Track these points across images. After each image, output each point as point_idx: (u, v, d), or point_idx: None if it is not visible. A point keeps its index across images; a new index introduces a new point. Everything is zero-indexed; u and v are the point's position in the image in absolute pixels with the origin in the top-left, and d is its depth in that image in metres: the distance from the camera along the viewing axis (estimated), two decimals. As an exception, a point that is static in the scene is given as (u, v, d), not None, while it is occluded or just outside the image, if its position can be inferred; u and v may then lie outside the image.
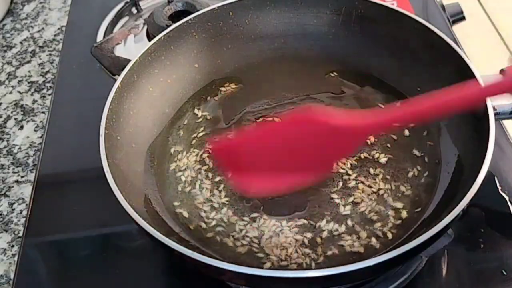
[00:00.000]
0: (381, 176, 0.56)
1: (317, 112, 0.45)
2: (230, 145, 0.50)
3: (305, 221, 0.53)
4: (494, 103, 0.51)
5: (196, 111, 0.64)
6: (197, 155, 0.60)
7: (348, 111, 0.47)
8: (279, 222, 0.53)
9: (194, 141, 0.61)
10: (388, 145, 0.58)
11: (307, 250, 0.51)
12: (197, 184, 0.57)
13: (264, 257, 0.51)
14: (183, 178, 0.57)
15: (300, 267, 0.50)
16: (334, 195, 0.55)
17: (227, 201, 0.55)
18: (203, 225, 0.53)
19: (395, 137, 0.59)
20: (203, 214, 0.54)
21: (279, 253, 0.51)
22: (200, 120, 0.63)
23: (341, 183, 0.55)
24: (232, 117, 0.63)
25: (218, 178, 0.57)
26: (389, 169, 0.57)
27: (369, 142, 0.59)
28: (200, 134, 0.62)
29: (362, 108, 0.62)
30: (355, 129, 0.44)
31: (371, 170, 0.56)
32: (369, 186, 0.55)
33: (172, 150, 0.60)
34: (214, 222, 0.54)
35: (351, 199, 0.54)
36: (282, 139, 0.46)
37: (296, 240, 0.51)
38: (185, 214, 0.54)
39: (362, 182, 0.55)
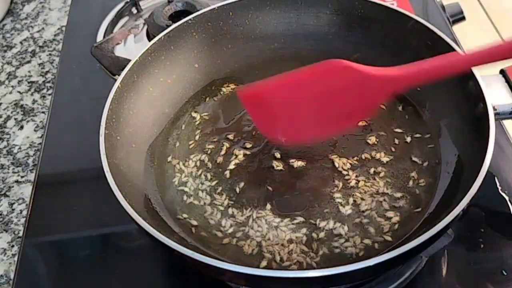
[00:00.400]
0: (382, 175, 0.56)
1: (346, 62, 0.46)
2: (258, 93, 0.51)
3: (304, 220, 0.53)
4: (494, 103, 0.51)
5: (194, 114, 0.64)
6: (196, 160, 0.59)
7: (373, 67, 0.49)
8: (280, 220, 0.53)
9: (192, 146, 0.61)
10: (389, 146, 0.58)
11: (307, 249, 0.51)
12: (201, 193, 0.57)
13: (266, 258, 0.51)
14: (186, 190, 0.57)
15: (300, 266, 0.50)
16: (335, 195, 0.55)
17: (230, 204, 0.55)
18: (219, 234, 0.53)
19: (396, 141, 0.59)
20: (212, 222, 0.54)
21: (279, 252, 0.51)
22: (198, 122, 0.63)
23: (341, 184, 0.55)
24: (232, 117, 0.63)
25: (216, 181, 0.57)
26: (389, 168, 0.56)
27: (370, 142, 0.59)
28: (197, 137, 0.62)
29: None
30: (383, 80, 0.46)
31: (372, 170, 0.56)
32: (370, 186, 0.55)
33: (170, 160, 0.60)
34: (230, 230, 0.53)
35: (351, 199, 0.54)
36: (311, 89, 0.48)
37: (296, 238, 0.51)
38: (194, 223, 0.54)
39: (363, 181, 0.55)
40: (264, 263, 0.50)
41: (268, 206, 0.54)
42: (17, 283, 0.56)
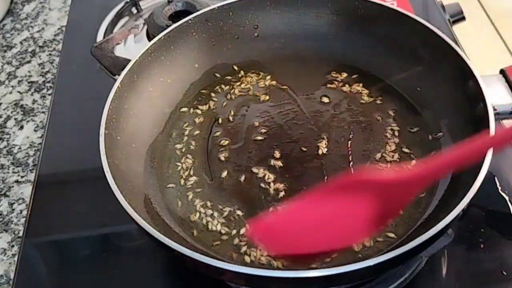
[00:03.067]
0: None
1: (366, 175, 0.43)
2: (272, 225, 0.48)
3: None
4: (494, 103, 0.51)
5: (194, 114, 0.64)
6: (196, 159, 0.59)
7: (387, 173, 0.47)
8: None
9: (192, 146, 0.61)
10: (389, 146, 0.58)
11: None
12: (201, 192, 0.56)
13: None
14: (187, 189, 0.57)
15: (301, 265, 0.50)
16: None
17: (231, 203, 0.55)
18: (219, 234, 0.53)
19: (396, 141, 0.59)
20: (212, 222, 0.54)
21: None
22: (197, 122, 0.63)
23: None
24: (232, 118, 0.63)
25: (216, 181, 0.57)
26: (389, 168, 0.56)
27: (369, 143, 0.59)
28: (197, 137, 0.61)
29: (362, 107, 0.62)
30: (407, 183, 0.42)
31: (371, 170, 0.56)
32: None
33: (170, 160, 0.59)
34: (230, 230, 0.53)
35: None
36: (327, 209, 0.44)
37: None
38: (195, 222, 0.54)
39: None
40: (264, 262, 0.50)
41: (269, 206, 0.54)
42: (17, 283, 0.56)
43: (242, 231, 0.53)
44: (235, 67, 0.68)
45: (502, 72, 0.55)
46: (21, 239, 0.60)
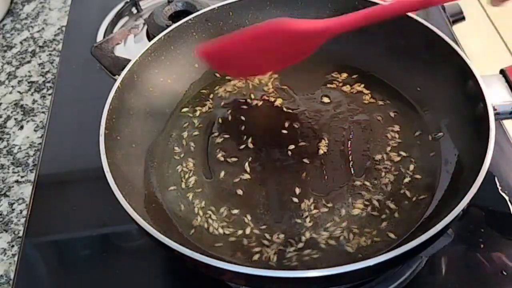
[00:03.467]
0: (382, 174, 0.56)
1: (283, 22, 0.56)
2: (215, 47, 0.60)
3: (304, 220, 0.53)
4: (494, 103, 0.51)
5: (193, 114, 0.64)
6: (196, 159, 0.59)
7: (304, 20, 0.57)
8: (280, 219, 0.53)
9: (191, 146, 0.61)
10: (389, 146, 0.58)
11: (307, 249, 0.51)
12: (201, 193, 0.56)
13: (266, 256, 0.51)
14: (187, 189, 0.57)
15: (300, 266, 0.50)
16: (338, 194, 0.55)
17: (231, 204, 0.55)
18: (219, 234, 0.53)
19: (396, 141, 0.59)
20: (212, 222, 0.54)
21: (281, 251, 0.51)
22: (197, 122, 0.63)
23: (346, 188, 0.56)
24: (231, 117, 0.63)
25: (217, 181, 0.57)
26: (389, 168, 0.56)
27: (369, 144, 0.59)
28: (197, 138, 0.61)
29: (362, 107, 0.62)
30: (314, 33, 0.56)
31: (372, 170, 0.56)
32: (370, 186, 0.55)
33: (170, 160, 0.59)
34: (230, 230, 0.53)
35: (351, 198, 0.54)
36: (256, 43, 0.57)
37: (295, 238, 0.52)
38: (195, 223, 0.54)
39: (364, 184, 0.55)
40: (263, 261, 0.50)
41: (270, 207, 0.54)
42: (17, 283, 0.56)
43: (247, 231, 0.53)
44: (235, 67, 0.68)
45: (502, 72, 0.55)
46: (21, 239, 0.60)
